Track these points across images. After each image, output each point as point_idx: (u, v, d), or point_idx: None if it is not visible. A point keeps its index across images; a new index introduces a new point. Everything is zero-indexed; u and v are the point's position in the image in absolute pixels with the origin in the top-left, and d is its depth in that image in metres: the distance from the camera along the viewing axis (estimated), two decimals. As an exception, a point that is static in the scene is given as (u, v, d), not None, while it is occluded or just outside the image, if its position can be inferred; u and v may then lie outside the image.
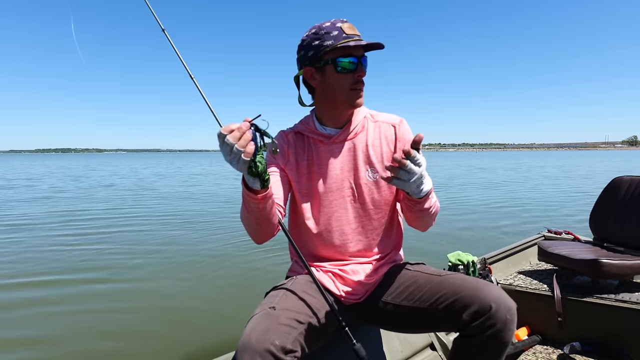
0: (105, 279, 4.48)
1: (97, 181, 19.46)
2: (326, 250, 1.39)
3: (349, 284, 1.35)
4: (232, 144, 0.96)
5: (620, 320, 1.96)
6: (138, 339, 3.09)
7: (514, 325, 1.13)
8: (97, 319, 3.43)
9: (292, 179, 1.40)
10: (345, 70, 1.28)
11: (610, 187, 2.51)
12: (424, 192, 1.13)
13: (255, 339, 1.00)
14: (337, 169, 1.37)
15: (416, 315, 1.26)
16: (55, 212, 9.35)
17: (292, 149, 1.41)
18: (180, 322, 3.35)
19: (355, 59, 1.27)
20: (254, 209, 1.13)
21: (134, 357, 2.84)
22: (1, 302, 3.79)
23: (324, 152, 1.38)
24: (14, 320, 3.41)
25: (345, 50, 1.27)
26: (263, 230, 1.22)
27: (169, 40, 1.52)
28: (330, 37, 1.27)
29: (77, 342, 3.03)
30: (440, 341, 1.87)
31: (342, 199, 1.37)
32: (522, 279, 2.42)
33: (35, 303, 3.78)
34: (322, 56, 1.28)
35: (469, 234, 6.55)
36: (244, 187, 1.10)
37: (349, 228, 1.37)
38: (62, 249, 5.78)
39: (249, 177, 1.04)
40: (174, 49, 1.50)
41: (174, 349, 2.90)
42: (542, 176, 19.72)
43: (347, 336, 1.17)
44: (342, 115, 1.37)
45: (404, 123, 1.42)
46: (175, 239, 6.38)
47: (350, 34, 1.27)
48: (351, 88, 1.30)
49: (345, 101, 1.32)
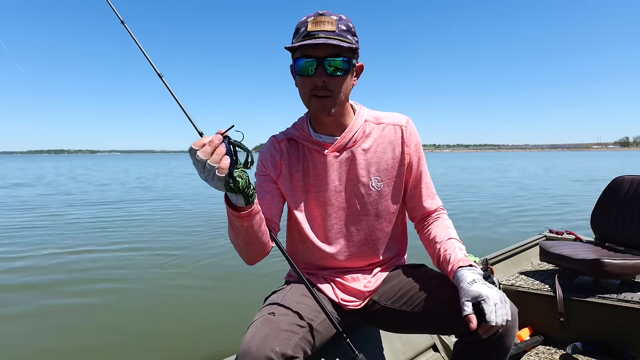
0: (103, 281, 4.48)
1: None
2: (325, 262, 1.34)
3: (349, 291, 1.32)
4: (204, 160, 0.86)
5: (622, 320, 1.96)
6: (135, 346, 3.06)
7: (515, 330, 1.12)
8: (96, 324, 3.42)
9: (286, 193, 1.28)
10: (302, 73, 1.14)
11: (611, 187, 2.50)
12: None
13: (256, 346, 0.99)
14: (335, 180, 1.26)
15: (417, 320, 1.24)
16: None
17: (285, 159, 1.28)
18: (178, 329, 3.32)
19: (313, 60, 1.11)
20: (240, 228, 1.03)
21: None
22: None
23: (320, 162, 1.25)
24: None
25: (303, 50, 1.12)
26: (253, 251, 1.13)
27: (130, 33, 1.24)
28: (296, 35, 1.14)
29: (76, 349, 3.03)
30: (443, 342, 1.86)
31: (341, 212, 1.28)
32: (523, 279, 2.42)
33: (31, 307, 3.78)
34: (292, 56, 1.18)
35: (470, 235, 6.54)
36: (227, 206, 1.00)
37: (352, 241, 1.31)
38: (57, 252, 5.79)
39: (230, 194, 0.95)
40: (136, 43, 1.23)
41: (172, 357, 2.87)
42: (541, 176, 19.68)
43: (349, 348, 1.12)
44: (323, 122, 1.24)
45: (410, 124, 1.30)
46: (172, 243, 6.37)
47: (312, 30, 1.09)
48: (311, 94, 1.15)
49: (309, 110, 1.21)
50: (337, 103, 1.18)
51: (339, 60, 1.12)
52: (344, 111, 1.25)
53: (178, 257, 5.46)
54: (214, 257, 5.46)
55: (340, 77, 1.14)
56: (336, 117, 1.23)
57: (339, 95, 1.16)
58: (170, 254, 5.62)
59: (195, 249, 5.92)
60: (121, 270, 4.94)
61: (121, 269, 5.00)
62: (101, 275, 4.74)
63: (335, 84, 1.14)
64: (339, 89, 1.16)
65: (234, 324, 3.23)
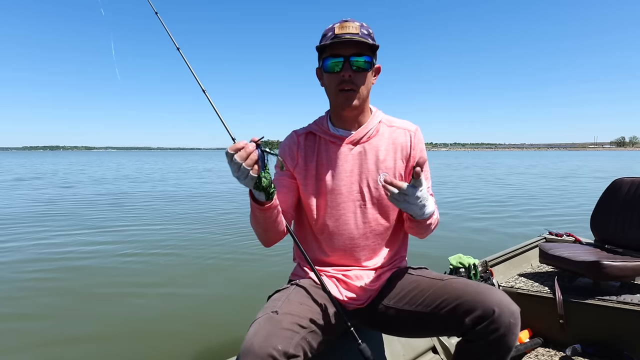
0: (104, 280, 4.47)
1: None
2: (331, 254, 1.38)
3: (353, 290, 1.35)
4: (239, 162, 1.03)
5: (621, 322, 1.96)
6: (138, 343, 3.07)
7: (517, 329, 1.13)
8: (97, 322, 3.42)
9: (300, 182, 1.39)
10: (331, 71, 1.29)
11: (611, 189, 2.50)
12: (426, 214, 1.18)
13: (258, 344, 0.99)
14: (347, 171, 1.36)
15: (419, 320, 1.25)
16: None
17: (302, 151, 1.40)
18: (181, 326, 3.32)
19: (340, 59, 1.26)
20: (260, 218, 1.20)
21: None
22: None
23: (334, 153, 1.37)
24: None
25: (331, 50, 1.27)
26: (270, 237, 1.30)
27: (184, 59, 1.49)
28: (324, 39, 1.29)
29: (76, 345, 3.02)
30: (443, 345, 1.86)
31: (350, 202, 1.36)
32: (523, 281, 2.42)
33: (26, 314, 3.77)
34: (320, 58, 1.33)
35: (470, 237, 6.54)
36: (251, 199, 1.17)
37: (356, 232, 1.36)
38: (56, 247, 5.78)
39: (255, 190, 1.12)
40: (188, 67, 1.47)
41: (175, 354, 2.88)
42: (539, 176, 19.75)
43: (352, 336, 1.18)
44: (344, 117, 1.37)
45: (419, 132, 1.42)
46: (174, 241, 6.37)
47: (339, 33, 1.26)
48: (338, 89, 1.29)
49: (335, 102, 1.34)
50: (360, 97, 1.31)
51: (362, 59, 1.27)
52: (364, 107, 1.37)
53: (179, 256, 5.45)
54: (216, 255, 5.46)
55: (363, 73, 1.29)
56: (356, 112, 1.36)
57: (362, 90, 1.30)
58: (170, 253, 5.62)
59: (196, 248, 5.91)
60: (115, 267, 4.93)
61: (115, 267, 4.98)
62: (99, 270, 4.73)
63: (359, 79, 1.28)
64: (362, 83, 1.30)
65: (236, 323, 3.23)
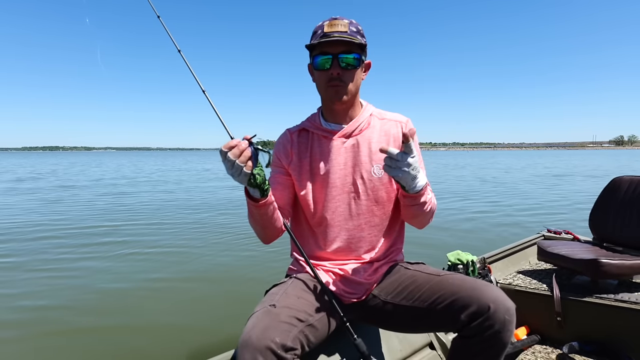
0: (103, 277, 4.48)
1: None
2: (328, 247, 1.39)
3: (350, 283, 1.35)
4: (233, 160, 1.04)
5: (619, 320, 1.96)
6: (137, 337, 3.08)
7: (512, 325, 1.13)
8: (96, 318, 3.43)
9: (295, 178, 1.41)
10: (320, 68, 1.31)
11: (610, 187, 2.50)
12: (419, 186, 1.16)
13: (256, 337, 1.00)
14: (340, 164, 1.37)
15: (415, 315, 1.26)
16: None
17: (295, 148, 1.42)
18: (179, 320, 3.34)
19: (329, 56, 1.28)
20: (256, 215, 1.22)
21: (133, 355, 2.84)
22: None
23: (327, 147, 1.38)
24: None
25: (320, 48, 1.29)
26: (268, 234, 1.32)
27: (185, 61, 1.50)
28: (314, 37, 1.31)
29: (75, 340, 3.03)
30: (440, 340, 1.87)
31: (345, 194, 1.37)
32: (521, 278, 2.42)
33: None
34: (310, 55, 1.35)
35: (468, 233, 6.55)
36: (246, 196, 1.19)
37: (352, 224, 1.37)
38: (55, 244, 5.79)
39: (249, 187, 1.14)
40: (188, 68, 1.47)
41: (173, 347, 2.89)
42: (538, 175, 19.74)
43: (348, 331, 1.19)
44: (334, 111, 1.38)
45: (410, 123, 1.44)
46: (172, 237, 6.38)
47: (328, 31, 1.28)
48: (328, 85, 1.32)
49: (325, 97, 1.37)
50: (349, 92, 1.33)
51: (350, 56, 1.29)
52: (354, 102, 1.39)
53: (176, 252, 5.46)
54: (214, 252, 5.47)
55: (351, 70, 1.31)
56: (346, 107, 1.38)
57: (350, 86, 1.33)
58: (169, 250, 5.63)
59: (195, 245, 5.92)
60: (113, 263, 4.94)
61: (113, 263, 4.99)
62: (98, 268, 4.74)
63: (347, 76, 1.31)
64: (351, 80, 1.32)
65: (234, 317, 3.24)
